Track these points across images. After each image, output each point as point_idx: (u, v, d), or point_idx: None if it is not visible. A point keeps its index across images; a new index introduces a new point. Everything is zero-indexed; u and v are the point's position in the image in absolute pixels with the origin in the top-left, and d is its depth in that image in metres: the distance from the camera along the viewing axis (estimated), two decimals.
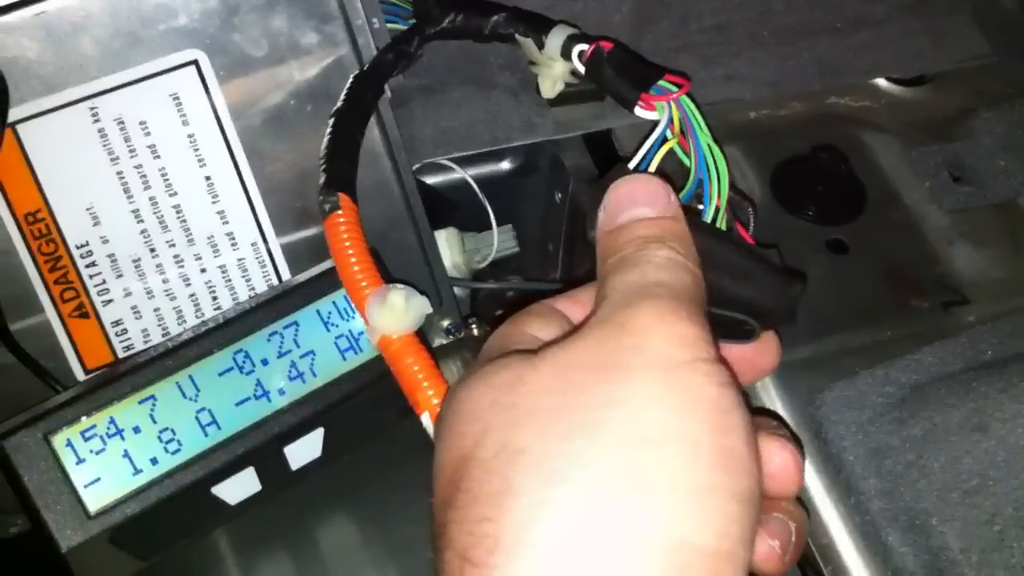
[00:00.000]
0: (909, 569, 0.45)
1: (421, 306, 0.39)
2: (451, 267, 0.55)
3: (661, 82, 0.47)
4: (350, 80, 0.47)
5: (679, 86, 0.47)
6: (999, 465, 0.46)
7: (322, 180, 0.42)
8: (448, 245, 0.56)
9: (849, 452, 0.47)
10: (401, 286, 0.39)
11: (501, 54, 0.58)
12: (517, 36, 0.52)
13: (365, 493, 0.48)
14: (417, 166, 0.55)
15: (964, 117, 0.60)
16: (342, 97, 0.46)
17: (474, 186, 0.57)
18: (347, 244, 0.40)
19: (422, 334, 0.39)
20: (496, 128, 0.57)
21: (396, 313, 0.38)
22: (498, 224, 0.58)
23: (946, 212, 0.56)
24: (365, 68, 0.48)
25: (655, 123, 0.44)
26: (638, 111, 0.47)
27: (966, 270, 0.54)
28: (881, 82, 0.62)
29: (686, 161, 0.48)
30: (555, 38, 0.51)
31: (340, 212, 0.40)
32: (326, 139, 0.44)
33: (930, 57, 0.63)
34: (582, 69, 0.50)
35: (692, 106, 0.45)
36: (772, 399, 0.50)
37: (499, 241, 0.58)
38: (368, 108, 0.47)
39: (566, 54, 0.51)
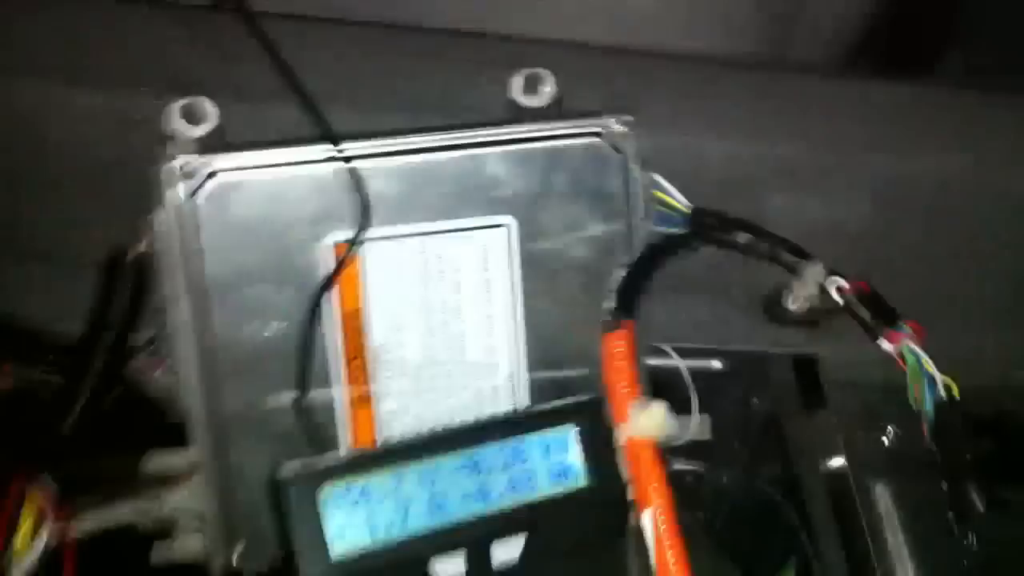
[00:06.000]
0: None
1: (676, 426, 0.47)
2: None
3: (900, 323, 0.56)
4: (647, 246, 0.56)
5: (916, 331, 0.56)
6: None
7: (615, 302, 0.52)
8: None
9: None
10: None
11: (737, 268, 0.66)
12: (797, 261, 0.60)
13: None
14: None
15: None
16: (642, 253, 0.56)
17: (686, 376, 0.63)
18: (620, 355, 0.49)
19: None
20: (720, 331, 0.65)
21: (655, 420, 0.46)
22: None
23: None
24: (659, 243, 0.57)
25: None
26: (882, 343, 0.57)
27: None
28: None
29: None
30: (815, 269, 0.60)
31: (621, 331, 0.50)
32: (633, 266, 0.54)
33: None
34: (838, 299, 0.59)
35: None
36: None
37: (697, 430, 0.63)
38: (651, 271, 0.56)
39: (820, 283, 0.60)
